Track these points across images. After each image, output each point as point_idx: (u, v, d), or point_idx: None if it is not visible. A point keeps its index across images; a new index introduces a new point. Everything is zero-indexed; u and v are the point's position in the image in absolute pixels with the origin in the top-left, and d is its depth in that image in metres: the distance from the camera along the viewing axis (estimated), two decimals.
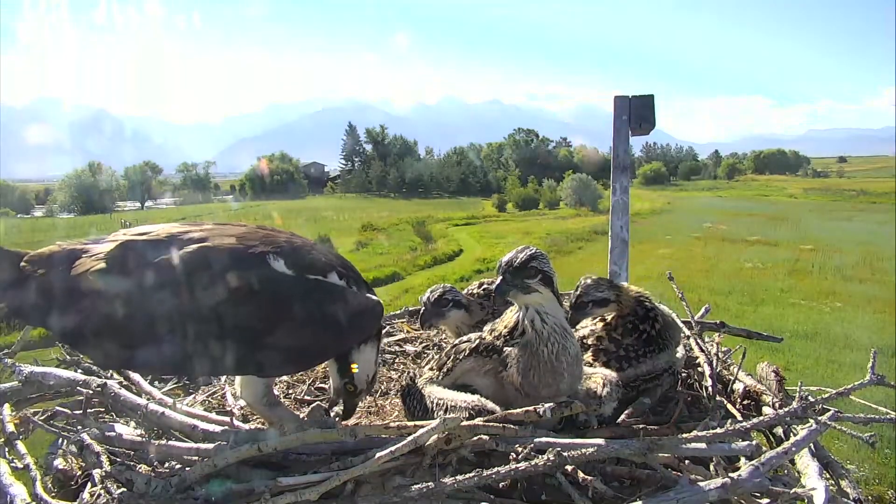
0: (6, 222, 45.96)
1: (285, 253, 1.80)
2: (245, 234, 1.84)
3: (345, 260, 2.05)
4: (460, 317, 2.63)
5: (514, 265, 1.92)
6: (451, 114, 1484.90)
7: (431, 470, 1.68)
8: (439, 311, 2.58)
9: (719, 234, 28.34)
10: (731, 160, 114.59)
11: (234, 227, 1.90)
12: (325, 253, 1.96)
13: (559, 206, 52.03)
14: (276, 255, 1.78)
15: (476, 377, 2.10)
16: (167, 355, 1.70)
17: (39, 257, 1.75)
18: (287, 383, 2.80)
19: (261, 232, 1.89)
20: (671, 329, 2.48)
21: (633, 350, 2.38)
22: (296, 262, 1.81)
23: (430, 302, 2.57)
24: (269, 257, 1.76)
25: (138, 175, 69.92)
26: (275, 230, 1.98)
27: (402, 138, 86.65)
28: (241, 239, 1.80)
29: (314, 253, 1.90)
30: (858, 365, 9.29)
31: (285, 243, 1.85)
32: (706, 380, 2.24)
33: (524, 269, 1.92)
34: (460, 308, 2.62)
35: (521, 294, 1.94)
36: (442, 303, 2.58)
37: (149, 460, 1.89)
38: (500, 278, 1.94)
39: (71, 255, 1.74)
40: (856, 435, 2.11)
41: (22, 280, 1.70)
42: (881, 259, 21.05)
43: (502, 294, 1.95)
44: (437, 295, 2.59)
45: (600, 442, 1.70)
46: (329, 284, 1.86)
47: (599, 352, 2.40)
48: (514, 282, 1.92)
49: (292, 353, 1.84)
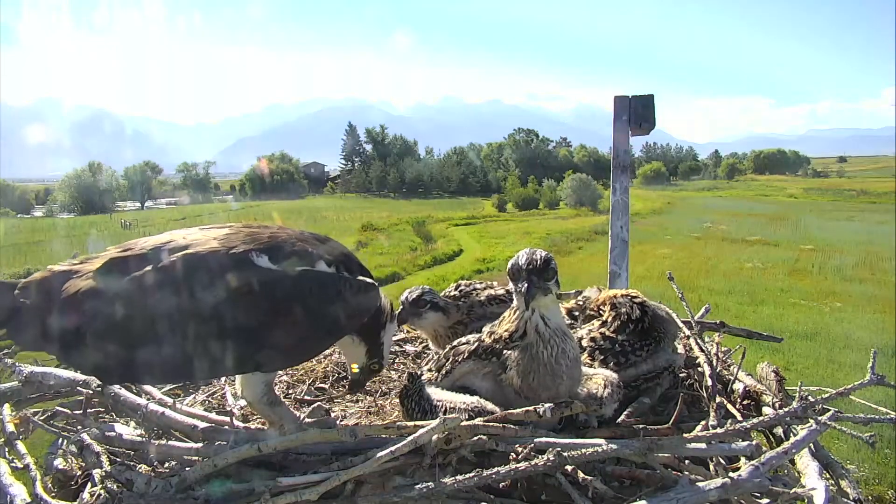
0: (6, 222, 45.99)
1: (268, 249, 1.82)
2: (228, 235, 1.86)
3: (335, 246, 2.04)
4: (438, 319, 2.64)
5: (538, 267, 1.90)
6: (451, 114, 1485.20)
7: (431, 470, 1.68)
8: (416, 311, 2.59)
9: (719, 234, 28.35)
10: (731, 160, 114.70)
11: (218, 230, 1.91)
12: (312, 242, 1.96)
13: (559, 206, 52.07)
14: (258, 252, 1.79)
15: (475, 379, 2.10)
16: (165, 365, 1.72)
17: (31, 284, 1.78)
18: (287, 383, 2.80)
19: (245, 231, 1.90)
20: (663, 322, 2.48)
21: (628, 345, 2.39)
22: (279, 257, 1.82)
23: (407, 302, 2.59)
24: (251, 255, 1.78)
25: (138, 175, 69.97)
26: (261, 226, 1.99)
27: (402, 138, 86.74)
28: (223, 241, 1.82)
29: (299, 245, 1.90)
30: (858, 365, 9.29)
31: (268, 239, 1.86)
32: (706, 380, 2.24)
33: (545, 271, 1.91)
34: (437, 310, 2.63)
35: (542, 296, 1.93)
36: (420, 303, 2.59)
37: (149, 460, 1.89)
38: (526, 283, 1.89)
39: (61, 279, 1.77)
40: (856, 435, 2.11)
41: (17, 309, 1.73)
42: (881, 259, 21.06)
43: (534, 299, 1.91)
44: (416, 296, 2.60)
45: (600, 442, 1.70)
46: (316, 273, 1.85)
47: (596, 351, 2.40)
48: (540, 284, 1.91)
49: (290, 346, 1.85)
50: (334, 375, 2.86)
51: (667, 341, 2.45)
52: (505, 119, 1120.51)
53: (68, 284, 1.74)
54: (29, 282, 1.79)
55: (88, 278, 1.74)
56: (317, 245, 1.95)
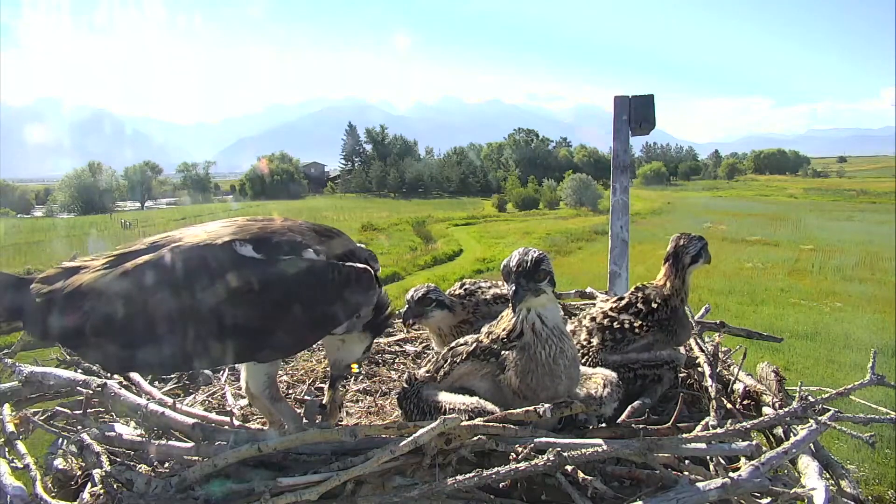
0: (6, 222, 45.98)
1: (253, 238, 1.85)
2: (220, 227, 1.91)
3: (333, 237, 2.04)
4: (443, 317, 2.65)
5: (527, 269, 1.88)
6: (451, 114, 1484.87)
7: (431, 470, 1.68)
8: (422, 310, 2.59)
9: (719, 234, 28.33)
10: (731, 160, 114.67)
11: (216, 223, 1.97)
12: (305, 233, 1.96)
13: (559, 206, 52.03)
14: (242, 241, 1.83)
15: (474, 380, 2.08)
16: (163, 356, 1.77)
17: (45, 280, 1.87)
18: (287, 383, 2.80)
19: (240, 223, 1.93)
20: (681, 323, 2.48)
21: (627, 324, 2.40)
22: (264, 246, 1.84)
23: (413, 300, 2.59)
24: (235, 245, 1.82)
25: (138, 175, 69.95)
26: (262, 218, 2.01)
27: (402, 138, 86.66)
28: (211, 233, 1.87)
29: (288, 234, 1.90)
30: (858, 365, 9.30)
31: (258, 230, 1.89)
32: (706, 380, 2.24)
33: (536, 273, 1.89)
34: (443, 308, 2.63)
35: (532, 298, 1.92)
36: (425, 302, 2.59)
37: (149, 460, 1.90)
38: (514, 286, 1.89)
39: (72, 274, 1.86)
40: (856, 435, 2.11)
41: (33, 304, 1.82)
42: (881, 259, 21.06)
43: (521, 301, 1.90)
44: (422, 294, 2.60)
45: (600, 442, 1.70)
46: (303, 262, 1.85)
47: (594, 330, 2.41)
48: (528, 286, 1.89)
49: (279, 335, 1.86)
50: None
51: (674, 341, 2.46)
52: (505, 119, 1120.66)
53: (78, 279, 1.81)
54: (44, 277, 1.87)
55: (96, 272, 1.82)
56: (310, 235, 1.95)
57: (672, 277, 2.52)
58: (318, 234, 1.99)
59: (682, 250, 2.53)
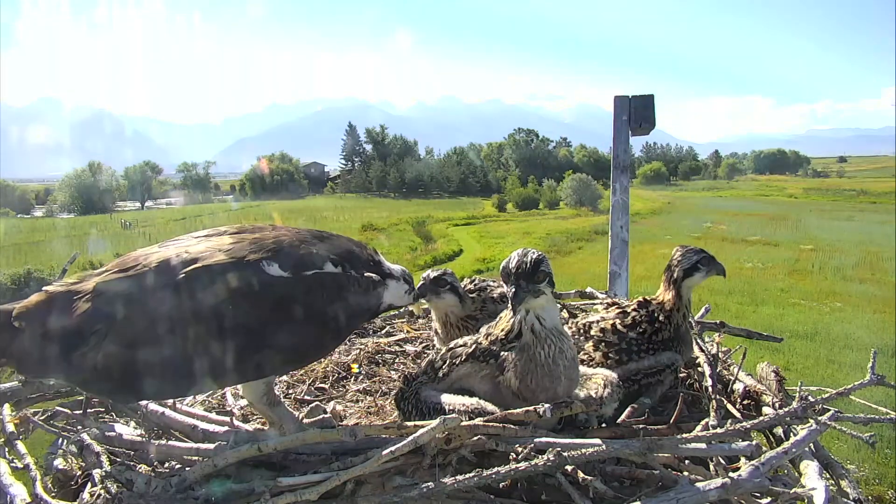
0: (6, 222, 46.00)
1: (277, 256, 1.81)
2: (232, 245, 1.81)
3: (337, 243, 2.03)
4: (453, 302, 2.68)
5: (526, 271, 1.87)
6: (451, 114, 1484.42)
7: (431, 470, 1.68)
8: (436, 289, 2.63)
9: (719, 234, 28.34)
10: (731, 160, 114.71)
11: (218, 238, 1.87)
12: (315, 242, 1.95)
13: (559, 206, 52.04)
14: (268, 260, 1.77)
15: (473, 382, 2.08)
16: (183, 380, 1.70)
17: (28, 309, 1.67)
18: (287, 383, 2.80)
19: (248, 237, 1.87)
20: (682, 340, 2.45)
21: (635, 344, 2.38)
22: (288, 263, 1.81)
23: (429, 279, 2.64)
24: (262, 264, 1.76)
25: (138, 175, 70.01)
26: (255, 228, 1.97)
27: (402, 138, 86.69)
28: (229, 252, 1.76)
29: (304, 247, 1.90)
30: (858, 365, 9.29)
31: (274, 245, 1.85)
32: (706, 380, 2.24)
33: (535, 274, 1.88)
34: (455, 294, 2.67)
35: (531, 299, 1.91)
36: (440, 283, 2.63)
37: (149, 460, 1.90)
38: (513, 287, 1.87)
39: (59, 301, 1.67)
40: (856, 435, 2.11)
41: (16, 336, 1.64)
42: (881, 259, 21.07)
43: (520, 303, 1.89)
44: (437, 275, 2.65)
45: (600, 442, 1.70)
46: (325, 276, 1.86)
47: (602, 343, 2.40)
48: (528, 287, 1.88)
49: (307, 349, 1.88)
50: (334, 375, 2.86)
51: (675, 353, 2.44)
52: (505, 119, 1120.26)
53: (69, 306, 1.64)
54: (25, 306, 1.67)
55: (91, 299, 1.65)
56: (319, 245, 1.95)
57: (666, 292, 2.48)
58: (321, 241, 2.00)
59: (675, 263, 2.47)
